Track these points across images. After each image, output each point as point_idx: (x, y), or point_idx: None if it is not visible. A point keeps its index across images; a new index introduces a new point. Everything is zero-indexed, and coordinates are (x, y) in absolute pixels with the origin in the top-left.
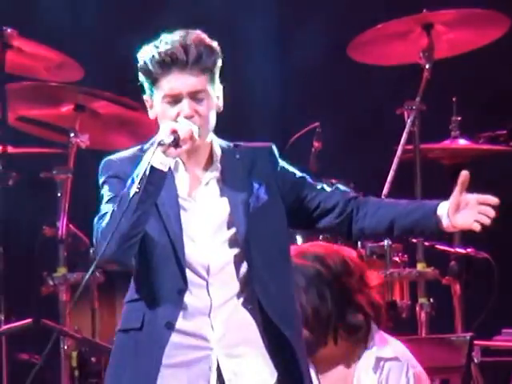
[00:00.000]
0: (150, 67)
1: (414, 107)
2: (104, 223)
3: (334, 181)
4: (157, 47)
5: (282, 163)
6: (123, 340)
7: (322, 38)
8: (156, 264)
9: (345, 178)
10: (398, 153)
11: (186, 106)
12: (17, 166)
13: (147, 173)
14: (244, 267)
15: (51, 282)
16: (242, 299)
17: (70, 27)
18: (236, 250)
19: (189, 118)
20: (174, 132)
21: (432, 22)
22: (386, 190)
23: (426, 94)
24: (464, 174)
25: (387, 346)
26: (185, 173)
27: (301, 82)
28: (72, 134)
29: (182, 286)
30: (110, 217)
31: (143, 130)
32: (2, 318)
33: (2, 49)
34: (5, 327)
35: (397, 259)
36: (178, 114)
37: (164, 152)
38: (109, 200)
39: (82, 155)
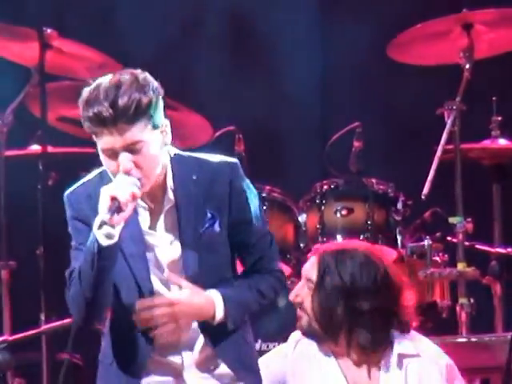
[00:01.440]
0: (85, 123)
1: (454, 107)
2: (71, 290)
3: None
4: (87, 104)
5: (240, 192)
6: (100, 370)
7: (362, 37)
8: (124, 307)
9: (385, 178)
10: (438, 153)
11: (122, 160)
12: (56, 166)
13: (98, 252)
14: None
15: None
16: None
17: (110, 27)
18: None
19: (128, 172)
20: (114, 199)
21: (472, 22)
22: (426, 190)
23: (466, 93)
24: None
25: (411, 343)
26: (145, 206)
27: (341, 81)
28: None
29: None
30: (75, 286)
31: (183, 130)
32: (43, 318)
33: (42, 49)
34: (45, 326)
35: (437, 259)
36: (118, 167)
37: (111, 224)
38: (75, 249)
39: None
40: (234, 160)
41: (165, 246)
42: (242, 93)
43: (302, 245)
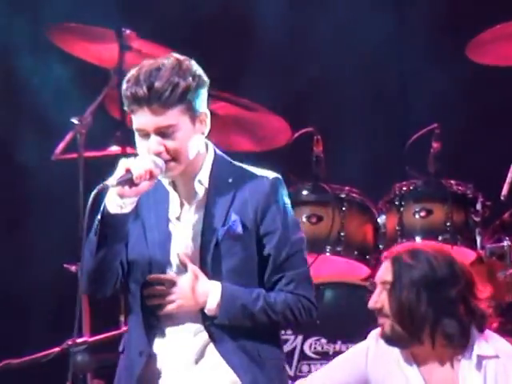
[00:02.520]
0: (124, 101)
1: None
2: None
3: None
4: (127, 82)
5: (274, 206)
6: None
7: (440, 38)
8: (136, 291)
9: (463, 179)
10: None
11: (151, 142)
12: None
13: (101, 217)
14: None
15: None
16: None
17: (190, 28)
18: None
19: (157, 154)
20: (128, 171)
21: None
22: (505, 191)
23: None
24: None
25: (488, 344)
26: (176, 196)
27: (420, 82)
28: None
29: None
30: (84, 255)
31: (262, 131)
32: (122, 319)
33: (120, 50)
34: (125, 328)
35: None
36: (148, 149)
37: (120, 194)
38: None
39: None
40: (277, 175)
41: (187, 239)
42: (323, 93)
43: (381, 246)
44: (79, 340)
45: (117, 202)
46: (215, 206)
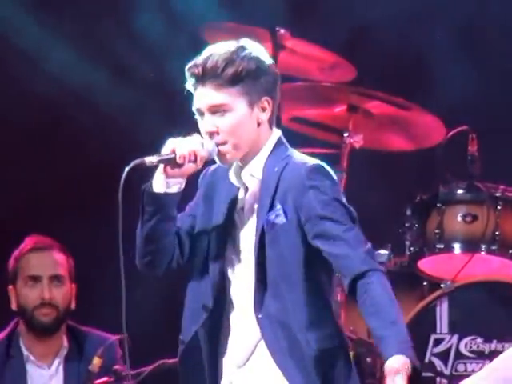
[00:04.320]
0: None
1: None
2: None
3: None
4: (191, 62)
5: (314, 193)
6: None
7: None
8: (192, 278)
9: (507, 182)
10: None
11: (204, 122)
12: None
13: (145, 193)
14: (250, 288)
15: None
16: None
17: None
18: (251, 270)
19: (209, 135)
20: (173, 151)
21: None
22: None
23: None
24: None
25: None
26: (241, 187)
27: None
28: (346, 134)
29: (207, 303)
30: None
31: (416, 130)
32: None
33: (274, 50)
34: None
35: None
36: (202, 130)
37: (164, 172)
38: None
39: (355, 155)
40: (319, 162)
41: (246, 229)
42: (477, 91)
43: None
44: None
45: (161, 180)
46: (264, 196)
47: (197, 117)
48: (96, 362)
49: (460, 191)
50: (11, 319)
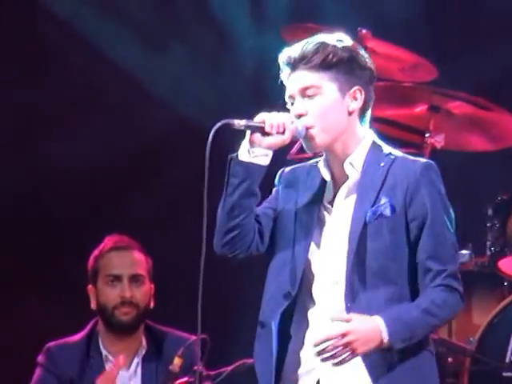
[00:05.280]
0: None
1: None
2: None
3: None
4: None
5: (426, 190)
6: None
7: None
8: (274, 265)
9: None
10: None
11: (295, 104)
12: None
13: (228, 161)
14: (341, 281)
15: None
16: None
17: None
18: (343, 262)
19: (298, 117)
20: (263, 121)
21: None
22: None
23: None
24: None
25: None
26: (330, 180)
27: None
28: (427, 135)
29: (290, 290)
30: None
31: (497, 131)
32: None
33: None
34: None
35: None
36: (292, 112)
37: (250, 141)
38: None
39: (436, 155)
40: (430, 161)
41: (337, 221)
42: None
43: None
44: None
45: (247, 147)
46: (366, 189)
47: (288, 106)
48: (177, 361)
49: None
50: (90, 320)
